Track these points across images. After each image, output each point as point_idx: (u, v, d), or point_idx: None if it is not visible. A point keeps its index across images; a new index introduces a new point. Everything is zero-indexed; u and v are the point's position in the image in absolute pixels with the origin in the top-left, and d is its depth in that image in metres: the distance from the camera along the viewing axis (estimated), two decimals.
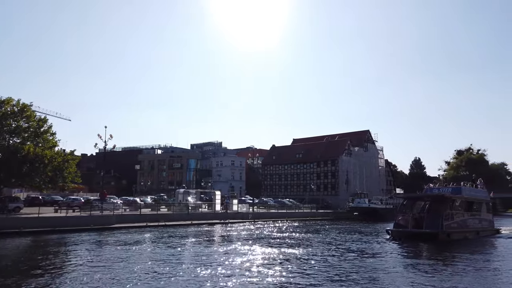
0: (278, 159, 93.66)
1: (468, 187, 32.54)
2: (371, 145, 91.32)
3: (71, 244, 22.38)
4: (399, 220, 28.22)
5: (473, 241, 27.13)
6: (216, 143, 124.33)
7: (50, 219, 29.54)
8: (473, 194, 31.93)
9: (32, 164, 33.43)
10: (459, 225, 27.97)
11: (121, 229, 31.10)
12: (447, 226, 26.02)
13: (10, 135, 34.83)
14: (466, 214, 29.45)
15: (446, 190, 31.17)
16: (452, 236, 26.40)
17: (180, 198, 47.59)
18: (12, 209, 32.58)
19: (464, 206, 29.67)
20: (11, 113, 35.15)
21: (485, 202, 33.36)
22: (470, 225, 29.78)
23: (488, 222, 32.94)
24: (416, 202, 30.30)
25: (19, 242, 23.10)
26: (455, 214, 27.82)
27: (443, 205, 26.82)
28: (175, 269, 14.66)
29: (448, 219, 26.35)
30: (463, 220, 28.82)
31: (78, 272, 13.91)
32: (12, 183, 35.45)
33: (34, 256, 18.23)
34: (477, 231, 30.02)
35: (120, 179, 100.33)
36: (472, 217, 30.32)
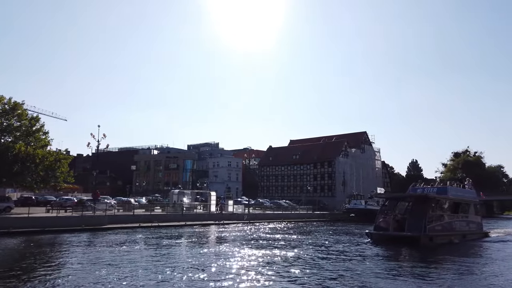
0: (274, 160, 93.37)
1: (454, 187, 30.69)
2: (368, 147, 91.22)
3: (57, 245, 21.96)
4: (379, 222, 26.16)
5: (458, 245, 25.21)
6: (213, 144, 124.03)
7: (40, 219, 28.99)
8: (460, 195, 29.86)
9: (23, 164, 32.96)
10: (444, 228, 26.11)
11: (113, 229, 30.60)
12: (431, 229, 24.27)
13: (1, 133, 34.33)
14: (452, 216, 27.75)
15: (431, 190, 28.61)
16: (436, 240, 24.42)
17: (174, 199, 47.13)
18: (2, 209, 32.08)
19: (450, 207, 28.08)
20: (2, 112, 34.68)
21: (473, 203, 31.57)
22: (456, 228, 27.79)
23: (476, 224, 31.17)
24: (399, 203, 28.11)
25: (8, 243, 22.58)
26: (440, 216, 26.17)
27: (426, 206, 24.88)
28: (154, 270, 14.21)
29: (431, 221, 24.64)
30: (449, 223, 26.97)
31: (54, 274, 13.45)
32: (3, 183, 34.90)
33: (21, 256, 17.78)
34: (463, 234, 28.05)
35: (116, 179, 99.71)
36: (459, 219, 28.47)
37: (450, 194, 28.21)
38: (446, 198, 27.62)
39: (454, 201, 28.48)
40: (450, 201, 28.14)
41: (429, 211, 24.56)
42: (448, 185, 30.33)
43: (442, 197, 27.18)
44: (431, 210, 24.96)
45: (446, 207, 27.54)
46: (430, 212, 24.68)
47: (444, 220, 26.38)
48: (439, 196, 26.81)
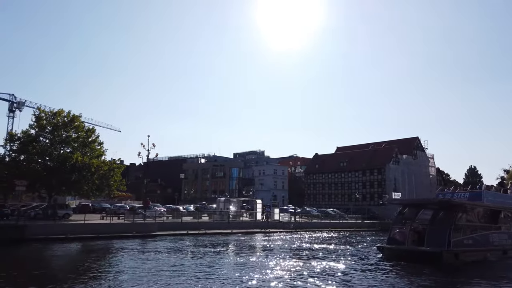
0: (321, 167, 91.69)
1: (492, 192, 25.28)
2: (421, 153, 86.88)
3: (109, 251, 22.91)
4: (394, 234, 21.91)
5: (494, 264, 20.60)
6: (259, 152, 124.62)
7: (95, 225, 30.51)
8: (501, 201, 24.78)
9: (80, 173, 34.94)
10: (476, 242, 21.29)
11: (162, 236, 31.48)
12: (457, 243, 19.74)
13: (61, 144, 36.71)
14: (488, 227, 22.89)
15: (462, 195, 24.12)
16: (464, 257, 19.91)
17: (221, 207, 47.66)
18: (62, 216, 34.18)
19: (486, 216, 23.23)
20: (62, 124, 37.13)
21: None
22: (494, 242, 22.58)
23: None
24: (422, 211, 23.02)
25: (66, 248, 23.95)
26: (471, 227, 21.48)
27: (451, 215, 20.59)
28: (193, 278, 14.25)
29: (458, 233, 20.07)
30: (483, 235, 22.00)
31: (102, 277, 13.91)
32: (62, 191, 37.23)
33: (75, 261, 18.75)
34: (504, 250, 22.81)
35: (166, 187, 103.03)
36: (498, 231, 23.27)
37: (486, 200, 23.44)
38: (480, 205, 22.96)
39: (491, 209, 23.73)
40: (486, 208, 23.39)
41: (455, 221, 20.24)
42: (484, 189, 24.74)
43: (474, 203, 22.57)
44: (458, 220, 20.56)
45: (480, 216, 22.92)
46: (457, 222, 20.35)
47: (476, 232, 21.65)
48: (469, 203, 22.31)
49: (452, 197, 23.65)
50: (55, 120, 36.83)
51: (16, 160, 35.75)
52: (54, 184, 35.48)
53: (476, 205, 22.68)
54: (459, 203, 21.58)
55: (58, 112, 37.39)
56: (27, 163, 35.12)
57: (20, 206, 33.26)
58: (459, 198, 23.38)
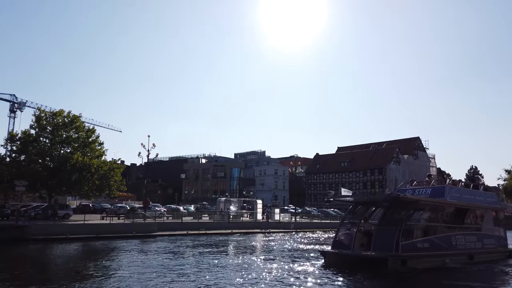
0: (322, 167, 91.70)
1: (458, 188, 20.97)
2: (422, 153, 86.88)
3: (108, 251, 22.81)
4: (340, 236, 18.53)
5: (456, 271, 16.72)
6: (260, 152, 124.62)
7: (95, 226, 30.50)
8: (468, 198, 20.76)
9: (80, 173, 34.96)
10: (433, 245, 17.67)
11: (161, 236, 31.46)
12: (407, 246, 16.15)
13: (61, 145, 36.75)
14: (451, 228, 19.32)
15: (424, 191, 20.28)
16: (414, 263, 16.23)
17: (221, 207, 47.65)
18: (62, 216, 34.22)
19: (449, 215, 19.69)
20: (62, 124, 37.18)
21: (492, 210, 22.59)
22: (458, 245, 19.06)
23: (495, 239, 21.97)
24: (377, 210, 19.42)
25: (65, 248, 23.95)
26: (428, 227, 18.10)
27: (402, 213, 17.29)
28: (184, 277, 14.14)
29: (409, 235, 16.62)
30: (443, 238, 18.44)
31: (99, 277, 13.83)
32: (62, 191, 37.27)
33: (75, 261, 18.72)
34: (469, 254, 19.26)
35: (167, 187, 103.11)
36: (463, 232, 19.65)
37: (450, 197, 19.48)
38: (443, 202, 19.05)
39: (457, 207, 19.94)
40: (449, 206, 19.56)
41: (406, 220, 16.77)
42: (448, 184, 20.34)
43: (432, 201, 18.83)
44: (410, 220, 17.25)
45: (442, 215, 19.36)
46: (408, 222, 16.90)
47: (435, 234, 18.14)
48: (427, 200, 18.73)
49: (413, 193, 19.84)
50: (55, 121, 36.88)
51: (17, 160, 35.80)
52: (54, 185, 35.53)
53: (437, 202, 18.82)
54: (411, 200, 17.79)
55: (58, 112, 37.43)
56: (28, 164, 35.18)
57: (20, 206, 33.30)
58: (419, 193, 19.78)
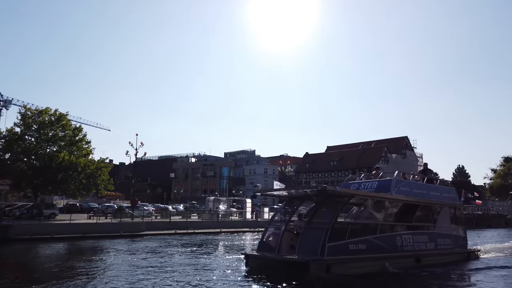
0: (311, 166, 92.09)
1: (408, 182, 18.23)
2: (410, 152, 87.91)
3: (91, 250, 22.42)
4: (267, 237, 15.85)
5: (394, 277, 14.04)
6: (250, 151, 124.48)
7: (81, 225, 30.10)
8: (419, 193, 18.10)
9: (67, 172, 34.49)
10: (371, 247, 14.64)
11: (149, 236, 31.19)
12: (335, 249, 13.35)
13: (47, 143, 36.18)
14: (396, 226, 16.53)
15: (370, 185, 17.52)
16: (341, 268, 13.42)
17: (210, 206, 47.52)
18: (47, 216, 33.70)
19: (396, 212, 17.04)
20: (48, 122, 36.61)
21: (450, 207, 19.82)
22: (405, 246, 16.18)
23: (452, 239, 19.08)
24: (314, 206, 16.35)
25: (49, 248, 23.48)
26: (364, 226, 15.35)
27: (332, 210, 14.56)
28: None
29: (340, 235, 13.75)
30: (385, 238, 15.49)
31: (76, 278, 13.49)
32: (48, 190, 36.72)
33: (57, 261, 18.34)
34: (417, 257, 16.47)
35: (156, 187, 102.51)
36: (411, 231, 16.83)
37: (397, 191, 16.64)
38: (381, 197, 16.16)
39: (405, 203, 17.10)
40: (395, 202, 16.79)
41: (335, 218, 14.05)
42: (395, 178, 17.29)
43: (371, 195, 16.16)
44: (340, 217, 14.85)
45: (386, 212, 16.60)
46: (337, 220, 14.29)
47: (375, 233, 15.16)
48: (364, 194, 16.23)
49: (359, 187, 17.54)
50: (41, 119, 36.31)
51: (1, 158, 35.18)
52: (40, 184, 34.99)
53: (372, 197, 16.09)
54: (343, 194, 15.10)
55: (44, 110, 36.87)
56: (12, 162, 34.59)
57: (4, 206, 32.73)
58: (365, 188, 17.34)
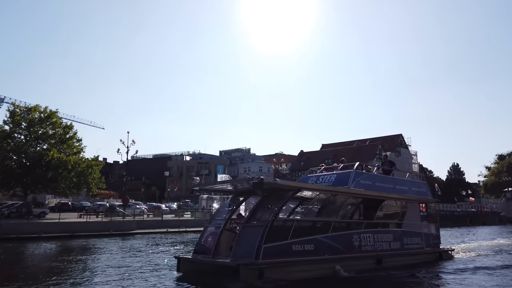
0: (306, 164, 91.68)
1: (370, 174, 16.22)
2: (404, 150, 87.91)
3: (78, 249, 21.98)
4: (206, 237, 13.65)
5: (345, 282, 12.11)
6: (245, 149, 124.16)
7: (70, 224, 29.69)
8: (383, 187, 15.99)
9: (56, 170, 34.01)
10: (320, 248, 12.66)
11: (140, 234, 30.85)
12: (272, 250, 11.47)
13: (37, 141, 35.66)
14: (353, 224, 14.66)
15: (328, 178, 15.46)
16: (280, 273, 11.47)
17: (203, 204, 47.24)
18: (37, 214, 33.26)
19: (354, 208, 15.21)
20: (38, 120, 36.09)
21: (419, 202, 17.69)
22: (364, 246, 14.11)
23: (422, 238, 17.03)
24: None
25: (35, 247, 23.04)
26: (313, 225, 13.45)
27: (273, 205, 12.80)
28: None
29: (279, 235, 11.79)
30: (338, 237, 13.33)
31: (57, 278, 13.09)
32: (38, 189, 36.22)
33: (38, 261, 17.97)
34: (378, 258, 14.30)
35: (150, 185, 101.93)
36: (372, 229, 14.73)
37: (355, 185, 14.70)
38: (334, 190, 14.23)
39: (365, 198, 15.11)
40: (352, 197, 14.81)
41: (275, 215, 12.02)
42: (354, 169, 15.33)
43: (321, 188, 14.10)
44: (279, 214, 12.42)
45: (342, 207, 14.67)
46: (278, 217, 12.19)
47: (326, 232, 13.07)
48: (313, 188, 14.13)
49: (317, 181, 15.66)
50: (30, 116, 35.79)
51: None
52: (30, 182, 34.49)
53: (323, 190, 14.02)
54: (284, 186, 12.89)
55: (34, 108, 36.38)
56: (1, 160, 34.05)
57: None
58: (324, 182, 15.35)
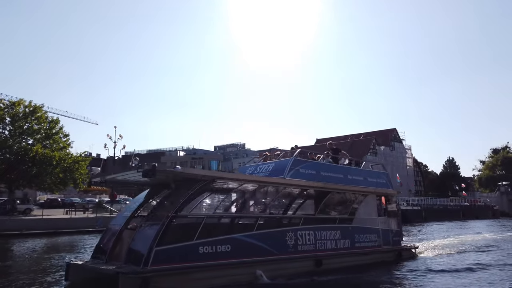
0: None
1: (313, 163, 13.96)
2: (398, 144, 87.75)
3: (55, 246, 21.52)
4: (106, 238, 11.14)
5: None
6: (240, 145, 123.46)
7: (54, 220, 29.17)
8: (330, 177, 13.80)
9: (41, 166, 33.33)
10: (240, 249, 10.39)
11: None
12: (167, 254, 9.14)
13: (21, 136, 34.92)
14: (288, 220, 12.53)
15: (266, 168, 13.50)
16: (170, 282, 9.03)
17: None
18: (22, 211, 32.69)
19: (291, 201, 13.49)
20: (23, 115, 35.33)
21: (376, 195, 15.33)
22: (299, 245, 11.87)
23: (378, 235, 14.73)
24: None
25: (15, 245, 22.57)
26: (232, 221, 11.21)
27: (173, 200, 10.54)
28: None
29: (179, 235, 9.52)
30: (265, 236, 11.09)
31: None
32: (21, 185, 35.49)
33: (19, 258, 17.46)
34: (317, 259, 12.15)
35: None
36: (314, 226, 12.51)
37: (293, 175, 12.62)
38: (263, 181, 12.08)
39: (304, 189, 13.29)
40: (288, 188, 12.75)
41: (176, 210, 9.62)
42: (294, 157, 13.25)
43: (245, 178, 11.70)
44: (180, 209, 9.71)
45: (278, 201, 13.00)
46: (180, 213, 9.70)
47: (249, 230, 10.85)
48: (235, 177, 11.90)
49: (254, 170, 13.74)
50: (14, 111, 34.98)
51: None
52: (14, 178, 33.81)
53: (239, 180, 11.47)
54: (186, 175, 10.40)
55: (18, 102, 35.53)
56: None
57: None
58: (260, 172, 13.38)
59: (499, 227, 39.11)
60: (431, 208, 63.89)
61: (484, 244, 21.07)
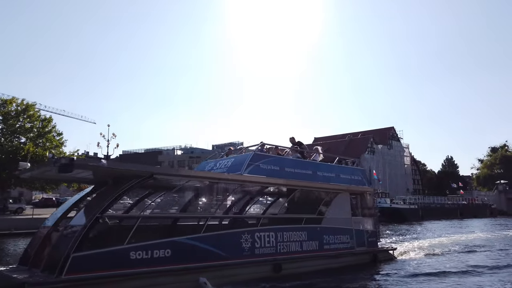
0: None
1: (277, 158, 12.71)
2: (396, 143, 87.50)
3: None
4: (34, 241, 9.64)
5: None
6: (238, 143, 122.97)
7: (44, 220, 28.83)
8: (296, 174, 12.67)
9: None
10: (183, 253, 9.19)
11: None
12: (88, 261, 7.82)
13: (13, 134, 34.64)
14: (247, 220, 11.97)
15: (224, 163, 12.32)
16: None
17: None
18: (14, 210, 32.39)
19: (249, 200, 12.90)
20: (15, 113, 35.06)
21: (349, 192, 14.17)
22: (256, 248, 10.67)
23: (351, 236, 13.54)
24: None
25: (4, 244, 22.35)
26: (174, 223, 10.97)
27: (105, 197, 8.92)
28: None
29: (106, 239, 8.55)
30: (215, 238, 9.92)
31: None
32: (13, 184, 35.19)
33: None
34: (276, 264, 10.87)
35: None
36: (275, 226, 11.51)
37: (252, 171, 11.48)
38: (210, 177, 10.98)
39: (264, 187, 12.60)
40: (245, 186, 11.64)
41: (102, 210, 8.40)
42: (254, 151, 12.35)
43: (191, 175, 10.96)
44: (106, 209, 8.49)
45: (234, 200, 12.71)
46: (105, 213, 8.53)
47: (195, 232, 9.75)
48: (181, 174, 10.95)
49: (214, 166, 12.63)
50: (6, 109, 34.73)
51: None
52: (5, 177, 33.50)
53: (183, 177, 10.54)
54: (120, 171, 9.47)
55: (10, 100, 35.30)
56: None
57: None
58: (219, 169, 12.23)
59: (495, 226, 38.86)
60: (428, 207, 63.73)
61: (475, 244, 20.17)
